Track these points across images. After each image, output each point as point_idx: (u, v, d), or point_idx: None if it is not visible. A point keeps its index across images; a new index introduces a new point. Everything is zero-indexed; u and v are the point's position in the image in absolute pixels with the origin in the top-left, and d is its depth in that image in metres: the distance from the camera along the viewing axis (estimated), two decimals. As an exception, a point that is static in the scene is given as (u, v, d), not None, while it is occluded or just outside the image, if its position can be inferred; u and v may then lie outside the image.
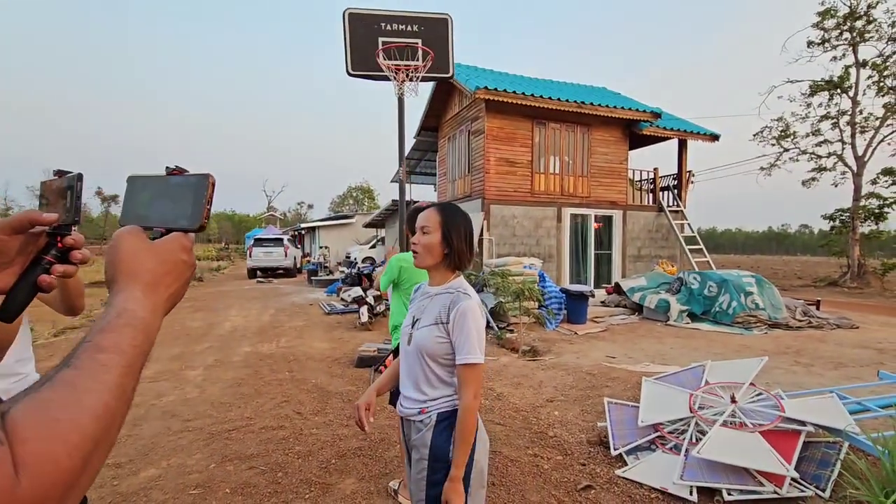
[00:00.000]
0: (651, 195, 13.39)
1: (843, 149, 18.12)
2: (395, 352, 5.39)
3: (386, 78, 4.72)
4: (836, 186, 18.76)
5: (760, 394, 3.37)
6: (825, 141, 18.75)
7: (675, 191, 13.43)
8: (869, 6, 16.67)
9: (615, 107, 11.53)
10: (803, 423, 2.89)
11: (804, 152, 19.30)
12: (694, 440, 3.05)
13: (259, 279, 19.65)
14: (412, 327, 1.57)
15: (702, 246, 12.39)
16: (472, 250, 1.59)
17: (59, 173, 0.63)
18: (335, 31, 4.86)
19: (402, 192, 5.22)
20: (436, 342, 1.48)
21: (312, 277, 17.71)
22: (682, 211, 13.03)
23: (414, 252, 1.58)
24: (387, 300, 9.64)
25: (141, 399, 4.55)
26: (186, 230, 0.60)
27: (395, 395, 1.85)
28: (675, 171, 13.56)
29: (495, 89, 10.26)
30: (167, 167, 0.63)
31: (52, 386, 0.42)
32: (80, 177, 0.62)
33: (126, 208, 0.63)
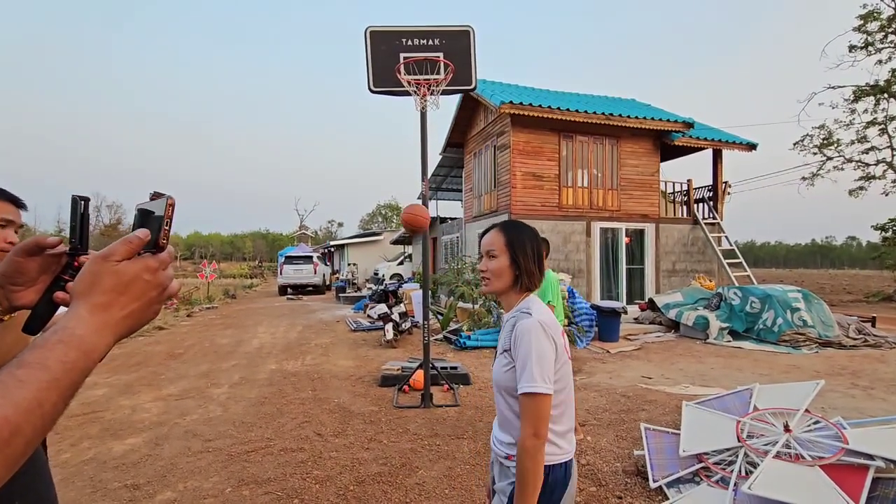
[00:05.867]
0: (685, 207, 12.90)
1: (894, 156, 17.14)
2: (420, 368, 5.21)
3: (407, 93, 4.70)
4: (886, 195, 17.70)
5: (818, 422, 3.05)
6: (872, 148, 17.79)
7: (711, 202, 12.90)
8: (916, 6, 15.90)
9: (645, 118, 11.23)
10: (871, 457, 2.57)
11: (849, 160, 18.34)
12: (743, 473, 2.76)
13: (289, 296, 19.94)
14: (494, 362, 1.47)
15: (741, 259, 11.81)
16: (541, 268, 1.45)
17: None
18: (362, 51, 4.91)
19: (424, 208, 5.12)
20: (504, 372, 1.35)
21: (340, 294, 17.84)
22: (718, 223, 12.49)
23: (483, 278, 1.46)
24: (412, 317, 9.52)
25: (165, 417, 4.55)
26: (153, 250, 0.62)
27: None
28: (710, 182, 13.07)
29: (520, 103, 10.18)
30: (150, 193, 0.66)
31: None
32: (87, 201, 0.67)
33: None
